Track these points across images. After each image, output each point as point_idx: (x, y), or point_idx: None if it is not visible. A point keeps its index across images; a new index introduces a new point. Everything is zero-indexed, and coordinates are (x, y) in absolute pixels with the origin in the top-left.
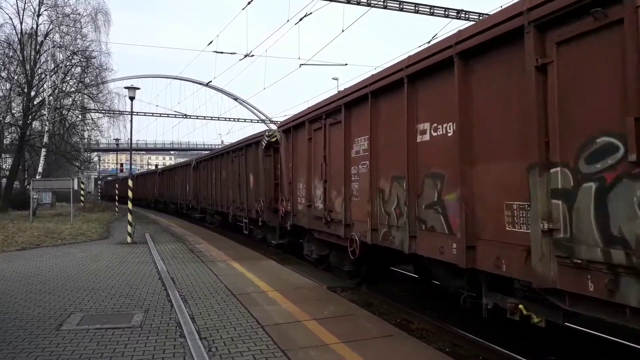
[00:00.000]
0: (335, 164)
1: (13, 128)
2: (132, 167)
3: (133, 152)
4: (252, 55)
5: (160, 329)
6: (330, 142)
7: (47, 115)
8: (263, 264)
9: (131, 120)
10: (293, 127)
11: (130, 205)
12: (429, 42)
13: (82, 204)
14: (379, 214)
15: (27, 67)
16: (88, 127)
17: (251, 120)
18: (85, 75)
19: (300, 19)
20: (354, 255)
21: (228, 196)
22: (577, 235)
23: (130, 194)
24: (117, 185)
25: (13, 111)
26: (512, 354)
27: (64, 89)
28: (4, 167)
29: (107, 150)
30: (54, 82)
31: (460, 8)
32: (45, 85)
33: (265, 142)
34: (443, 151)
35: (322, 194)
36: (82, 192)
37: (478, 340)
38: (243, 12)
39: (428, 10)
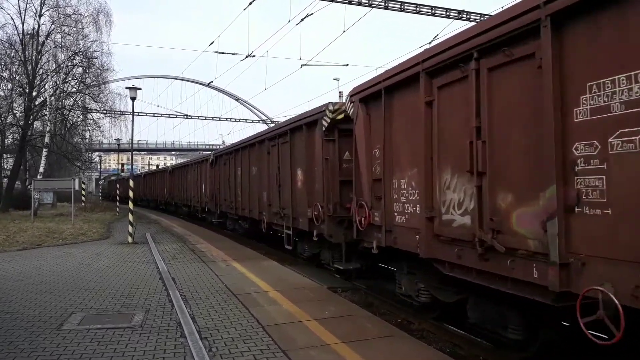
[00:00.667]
0: (505, 144)
1: (14, 128)
2: (134, 167)
3: (134, 152)
4: (254, 56)
5: (161, 328)
6: (493, 100)
7: (48, 116)
8: (264, 264)
9: (132, 121)
10: (386, 89)
11: (131, 205)
12: (430, 42)
13: (83, 204)
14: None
15: (29, 67)
16: (89, 128)
17: (252, 121)
18: (87, 76)
19: (302, 20)
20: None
21: (261, 198)
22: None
23: (131, 194)
24: (117, 185)
25: (14, 111)
26: (512, 354)
27: (65, 89)
28: (5, 167)
29: (108, 151)
30: (56, 82)
31: (461, 9)
32: (46, 86)
33: (328, 121)
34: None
35: (473, 199)
36: (83, 192)
37: (478, 341)
38: (244, 12)
39: (429, 10)
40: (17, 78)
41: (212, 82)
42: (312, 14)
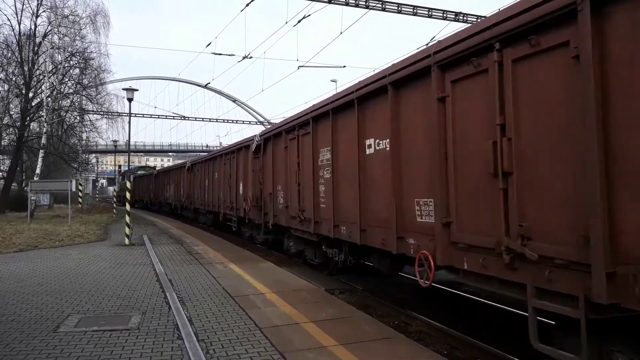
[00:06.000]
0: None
1: (11, 129)
2: (130, 168)
3: (131, 153)
4: (251, 57)
5: (158, 331)
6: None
7: (45, 117)
8: (261, 266)
9: (129, 122)
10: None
11: (128, 207)
12: (427, 44)
13: (80, 205)
14: None
15: (25, 68)
16: (86, 129)
17: (249, 122)
18: (84, 77)
19: (299, 21)
20: None
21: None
22: None
23: (128, 195)
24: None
25: (11, 112)
26: (510, 356)
27: (62, 90)
28: (1, 168)
29: (105, 152)
30: (52, 83)
31: (458, 10)
32: (43, 87)
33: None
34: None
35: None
36: (80, 194)
37: (476, 342)
38: (241, 13)
39: (426, 12)
40: (14, 79)
41: (209, 83)
42: (309, 15)
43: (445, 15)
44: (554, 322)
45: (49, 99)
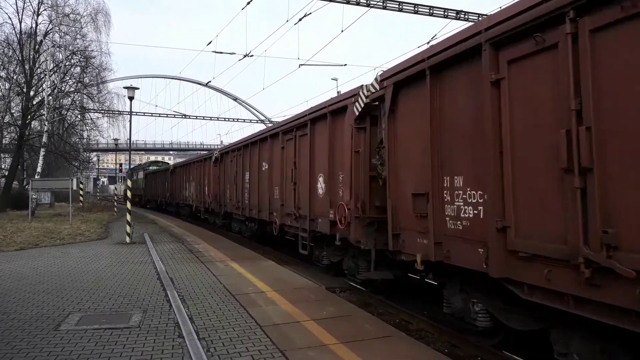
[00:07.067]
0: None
1: (12, 128)
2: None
3: (132, 152)
4: (252, 56)
5: (159, 329)
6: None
7: (46, 115)
8: (262, 264)
9: (130, 120)
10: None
11: (129, 205)
12: (428, 42)
13: (81, 204)
14: None
15: (27, 66)
16: (87, 127)
17: (250, 121)
18: (85, 75)
19: (300, 19)
20: None
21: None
22: None
23: (129, 194)
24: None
25: (12, 111)
26: (511, 355)
27: (63, 88)
28: (3, 166)
29: (106, 150)
30: (53, 82)
31: (459, 9)
32: (44, 85)
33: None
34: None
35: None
36: (81, 192)
37: (476, 342)
38: (242, 12)
39: (427, 10)
40: (15, 77)
41: (210, 82)
42: (310, 13)
43: (446, 13)
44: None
45: (50, 97)
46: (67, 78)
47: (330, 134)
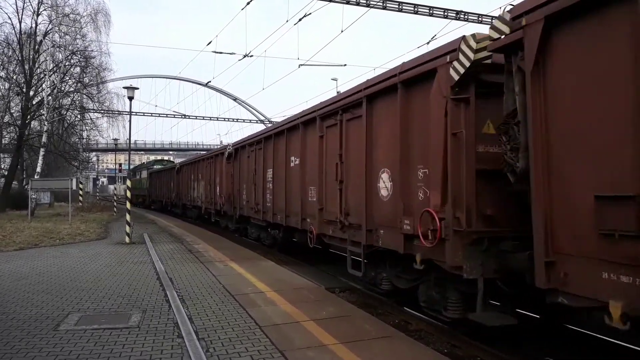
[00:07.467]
0: None
1: (11, 128)
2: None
3: (132, 152)
4: (251, 56)
5: (158, 329)
6: None
7: (45, 115)
8: (261, 265)
9: (130, 120)
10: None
11: (128, 205)
12: (428, 42)
13: (80, 204)
14: None
15: (26, 66)
16: (87, 127)
17: (250, 121)
18: (85, 75)
19: (300, 19)
20: None
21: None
22: None
23: (128, 194)
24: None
25: (12, 111)
26: (510, 356)
27: (62, 88)
28: (2, 166)
29: (105, 150)
30: (53, 82)
31: (459, 9)
32: (44, 85)
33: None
34: None
35: None
36: (80, 192)
37: (475, 342)
38: (242, 12)
39: (427, 11)
40: (15, 77)
41: (210, 82)
42: (310, 13)
43: (446, 13)
44: None
45: (50, 97)
46: (67, 78)
47: (402, 113)
